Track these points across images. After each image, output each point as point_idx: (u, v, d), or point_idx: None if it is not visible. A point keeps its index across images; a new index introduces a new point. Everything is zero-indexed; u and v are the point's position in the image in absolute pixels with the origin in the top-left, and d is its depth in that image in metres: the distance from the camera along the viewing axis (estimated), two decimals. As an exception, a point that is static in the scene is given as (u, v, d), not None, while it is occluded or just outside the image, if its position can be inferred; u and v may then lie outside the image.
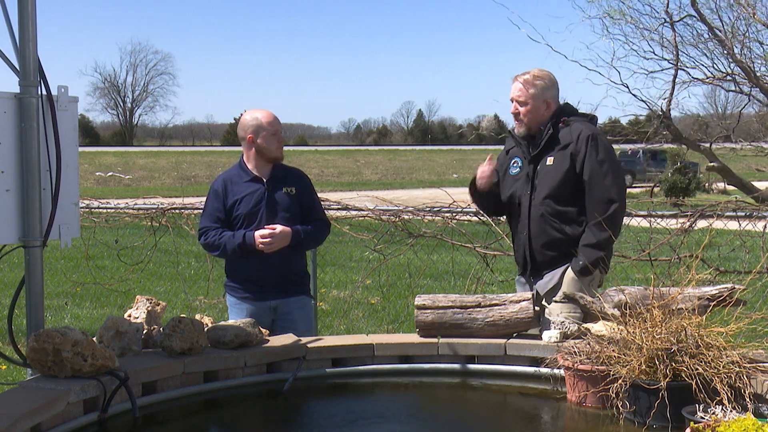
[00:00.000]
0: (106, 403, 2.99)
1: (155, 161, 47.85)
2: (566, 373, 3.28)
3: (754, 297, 5.52)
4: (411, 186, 33.48)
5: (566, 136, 4.14)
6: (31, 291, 3.29)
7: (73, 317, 8.72)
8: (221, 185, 4.43)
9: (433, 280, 10.03)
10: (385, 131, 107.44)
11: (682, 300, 3.23)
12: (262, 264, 4.30)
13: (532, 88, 4.20)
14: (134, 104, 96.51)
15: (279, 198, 4.37)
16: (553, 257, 4.16)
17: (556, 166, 4.13)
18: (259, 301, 4.37)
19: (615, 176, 4.11)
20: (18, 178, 3.21)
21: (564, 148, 4.12)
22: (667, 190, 24.02)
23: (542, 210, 4.16)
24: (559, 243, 4.13)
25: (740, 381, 2.88)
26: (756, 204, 6.72)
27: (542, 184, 4.17)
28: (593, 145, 4.07)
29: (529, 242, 4.22)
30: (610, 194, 4.05)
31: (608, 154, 4.12)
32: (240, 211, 4.35)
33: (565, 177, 4.10)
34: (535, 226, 4.19)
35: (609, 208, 4.03)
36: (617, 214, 4.07)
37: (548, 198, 4.15)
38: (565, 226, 4.13)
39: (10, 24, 3.22)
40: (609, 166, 4.09)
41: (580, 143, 4.08)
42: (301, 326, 4.31)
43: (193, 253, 11.68)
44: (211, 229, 4.37)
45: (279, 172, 4.45)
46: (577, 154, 4.08)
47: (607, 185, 4.06)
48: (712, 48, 8.35)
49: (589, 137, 4.09)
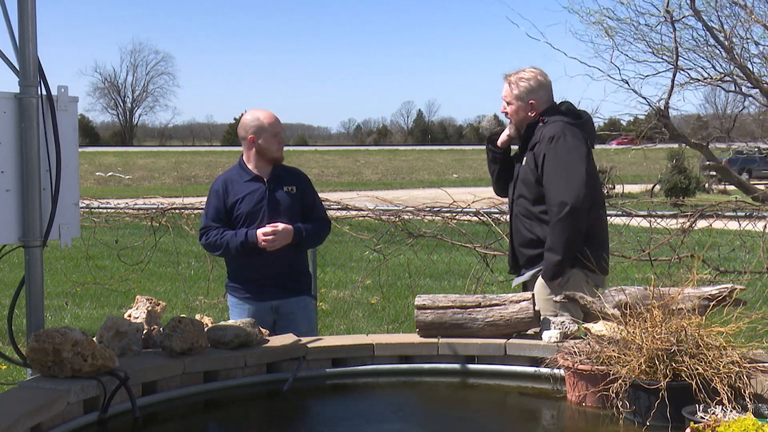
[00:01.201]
0: (106, 403, 2.99)
1: (155, 161, 47.85)
2: (566, 373, 3.28)
3: (754, 297, 5.52)
4: (411, 186, 33.47)
5: (537, 136, 4.14)
6: (31, 291, 3.29)
7: (73, 317, 8.72)
8: (222, 185, 4.44)
9: (433, 280, 10.03)
10: (385, 131, 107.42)
11: (682, 300, 3.23)
12: (263, 264, 4.30)
13: (516, 88, 4.20)
14: (134, 104, 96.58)
15: (280, 197, 4.38)
16: (530, 257, 4.19)
17: (526, 167, 4.17)
18: (261, 302, 4.37)
19: (570, 179, 4.00)
20: (18, 178, 3.21)
21: (532, 148, 4.14)
22: (667, 190, 24.03)
23: (516, 210, 4.23)
24: (533, 243, 4.17)
25: (740, 381, 2.88)
26: (756, 204, 6.72)
27: (518, 183, 4.23)
28: (553, 146, 4.02)
29: (511, 241, 4.33)
30: (562, 196, 3.98)
31: (568, 155, 4.01)
32: (241, 210, 4.35)
33: (532, 177, 4.12)
34: (513, 225, 4.29)
35: (561, 210, 3.97)
36: (571, 216, 3.96)
37: (521, 197, 4.21)
38: (535, 227, 4.14)
39: (10, 24, 3.23)
40: (566, 167, 4.00)
41: (542, 144, 4.07)
42: (303, 326, 4.32)
43: (193, 253, 11.68)
44: (212, 228, 4.37)
45: (279, 172, 4.46)
46: (539, 154, 4.08)
47: (559, 187, 3.99)
48: (711, 49, 8.36)
49: (552, 138, 4.03)
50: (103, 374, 3.02)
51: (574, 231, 4.00)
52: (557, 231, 3.99)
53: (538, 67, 4.29)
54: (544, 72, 4.27)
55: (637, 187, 25.62)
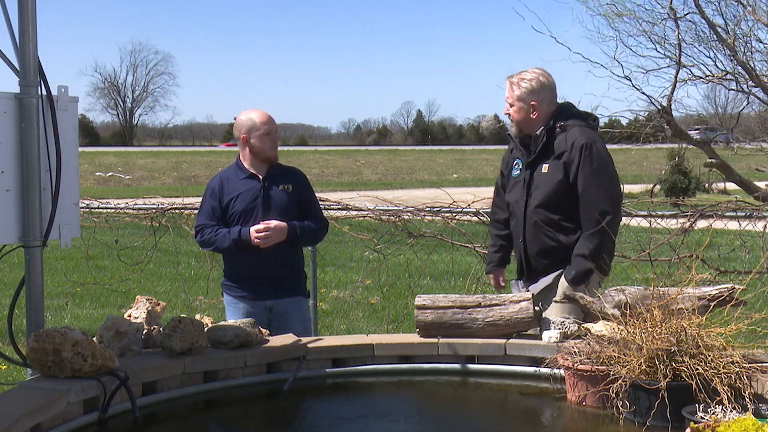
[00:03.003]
0: (106, 403, 2.99)
1: (155, 161, 47.81)
2: (566, 373, 3.28)
3: (754, 297, 5.52)
4: (411, 186, 33.45)
5: (561, 144, 4.07)
6: (31, 291, 3.29)
7: (73, 317, 8.72)
8: (218, 183, 4.46)
9: (433, 280, 10.03)
10: (385, 131, 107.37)
11: (682, 300, 3.23)
12: (258, 262, 4.31)
13: (518, 89, 4.14)
14: (134, 104, 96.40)
15: (275, 195, 4.38)
16: (547, 264, 4.15)
17: (550, 175, 4.08)
18: (255, 301, 4.38)
19: (609, 187, 4.05)
20: (18, 178, 3.21)
21: (558, 156, 4.06)
22: (667, 190, 24.02)
23: (535, 218, 4.13)
24: (554, 251, 4.11)
25: (740, 381, 2.88)
26: (756, 204, 6.72)
27: (536, 191, 4.13)
28: (587, 155, 4.00)
29: (524, 248, 4.21)
30: (603, 206, 3.99)
31: (603, 164, 4.04)
32: (236, 208, 4.36)
33: (558, 186, 4.06)
34: (529, 232, 4.17)
35: (602, 220, 3.97)
36: (611, 225, 4.00)
37: (541, 206, 4.11)
38: (558, 235, 4.10)
39: (10, 24, 3.22)
40: (603, 176, 4.03)
41: (573, 152, 4.01)
42: (297, 327, 4.28)
43: (193, 253, 11.68)
44: (207, 226, 4.40)
45: (276, 170, 4.47)
46: (571, 163, 4.02)
47: (600, 197, 4.00)
48: (713, 46, 8.37)
49: (584, 146, 4.01)
50: (103, 374, 3.02)
51: (609, 240, 4.01)
52: (596, 239, 3.96)
53: (541, 68, 4.24)
54: (547, 72, 4.21)
55: (637, 187, 25.59)
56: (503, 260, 4.52)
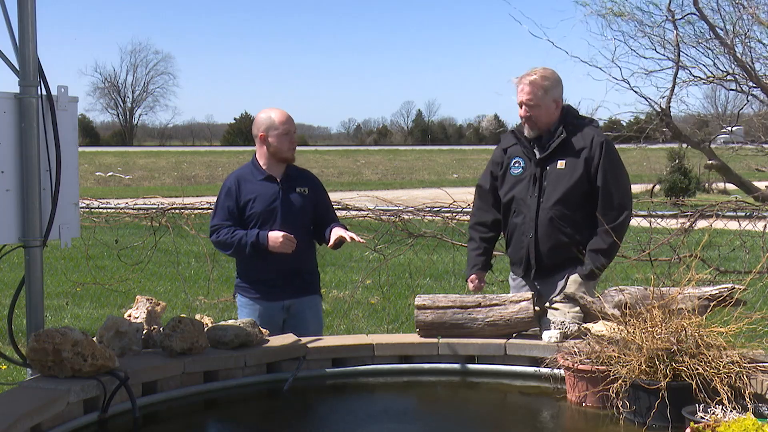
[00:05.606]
0: (106, 403, 2.99)
1: (155, 161, 47.83)
2: (566, 373, 3.28)
3: (754, 297, 5.52)
4: (411, 186, 33.44)
5: (579, 141, 4.12)
6: (31, 291, 3.29)
7: (73, 317, 8.71)
8: (234, 183, 4.39)
9: (433, 280, 10.03)
10: (385, 131, 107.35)
11: (682, 300, 3.23)
12: (275, 264, 4.28)
13: (541, 89, 4.13)
14: (134, 104, 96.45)
15: (293, 198, 4.36)
16: (560, 261, 4.15)
17: (569, 171, 4.10)
18: (272, 301, 4.35)
19: (626, 184, 4.16)
20: (18, 178, 3.21)
21: (577, 153, 4.10)
22: (667, 190, 24.00)
23: (552, 214, 4.12)
24: (567, 247, 4.12)
25: (740, 381, 2.88)
26: (756, 204, 6.72)
27: (553, 187, 4.13)
28: (607, 152, 4.08)
29: (535, 245, 4.18)
30: (622, 201, 4.09)
31: (619, 161, 4.15)
32: (254, 210, 4.32)
33: (578, 182, 4.09)
34: (543, 229, 4.14)
35: (620, 215, 4.06)
36: (627, 221, 4.12)
37: (559, 202, 4.11)
38: (574, 231, 4.12)
39: (10, 24, 3.23)
40: (620, 173, 4.13)
41: (594, 149, 4.08)
42: (313, 325, 4.33)
43: (193, 253, 11.68)
44: (223, 227, 4.33)
45: (292, 172, 4.44)
46: (591, 159, 4.08)
47: (620, 192, 4.09)
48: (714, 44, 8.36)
49: (603, 143, 4.10)
50: (103, 374, 3.02)
51: (623, 235, 4.13)
52: (614, 235, 4.01)
53: (545, 67, 4.28)
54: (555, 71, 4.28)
55: (637, 187, 25.59)
56: (487, 263, 4.53)
